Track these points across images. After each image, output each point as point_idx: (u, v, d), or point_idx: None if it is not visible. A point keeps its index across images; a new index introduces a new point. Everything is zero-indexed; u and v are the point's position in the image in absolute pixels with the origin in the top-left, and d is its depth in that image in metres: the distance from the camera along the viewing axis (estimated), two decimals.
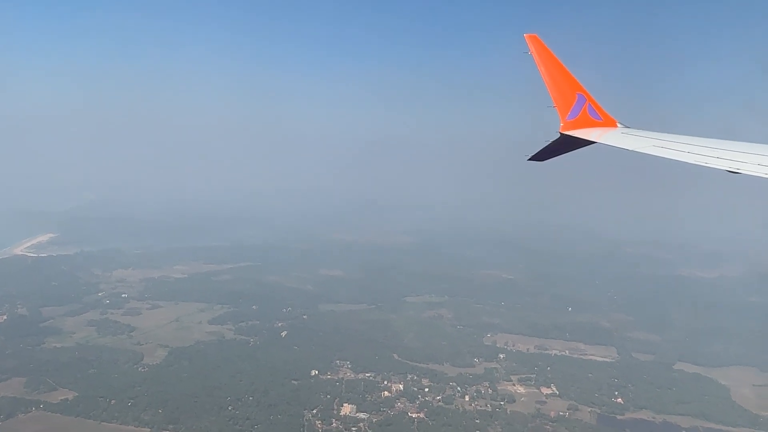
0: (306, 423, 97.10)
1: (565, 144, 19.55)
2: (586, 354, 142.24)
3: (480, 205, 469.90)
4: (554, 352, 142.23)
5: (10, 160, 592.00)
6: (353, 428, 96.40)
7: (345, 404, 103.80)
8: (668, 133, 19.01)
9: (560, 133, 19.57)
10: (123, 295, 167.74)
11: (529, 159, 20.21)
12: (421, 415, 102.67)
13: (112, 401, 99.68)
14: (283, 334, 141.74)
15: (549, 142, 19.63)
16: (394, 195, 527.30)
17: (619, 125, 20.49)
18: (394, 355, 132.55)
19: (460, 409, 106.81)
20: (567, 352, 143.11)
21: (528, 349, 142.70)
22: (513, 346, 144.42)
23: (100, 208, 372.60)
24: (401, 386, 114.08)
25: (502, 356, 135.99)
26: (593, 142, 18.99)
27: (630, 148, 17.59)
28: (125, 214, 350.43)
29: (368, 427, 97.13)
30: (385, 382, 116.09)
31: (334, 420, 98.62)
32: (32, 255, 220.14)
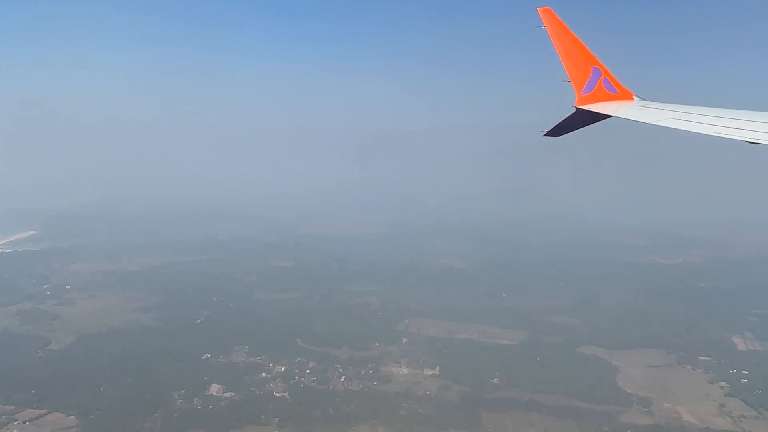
0: (167, 401, 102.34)
1: (581, 118, 19.58)
2: (494, 338, 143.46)
3: (479, 196, 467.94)
4: (462, 336, 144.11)
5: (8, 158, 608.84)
6: (210, 406, 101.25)
7: (213, 384, 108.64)
8: (687, 104, 18.70)
9: (576, 107, 19.59)
10: (66, 287, 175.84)
11: (545, 134, 20.27)
12: (285, 394, 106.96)
13: None
14: (199, 321, 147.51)
15: (564, 117, 19.70)
16: (396, 187, 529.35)
17: (635, 98, 20.24)
18: (298, 339, 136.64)
19: (330, 389, 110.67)
20: (476, 336, 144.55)
21: (437, 334, 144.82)
22: (424, 330, 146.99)
23: (96, 206, 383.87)
24: (283, 368, 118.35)
25: (404, 340, 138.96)
26: (609, 116, 18.94)
27: (647, 121, 17.37)
28: (120, 210, 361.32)
29: (226, 404, 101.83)
30: (271, 365, 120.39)
31: (196, 398, 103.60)
32: None
